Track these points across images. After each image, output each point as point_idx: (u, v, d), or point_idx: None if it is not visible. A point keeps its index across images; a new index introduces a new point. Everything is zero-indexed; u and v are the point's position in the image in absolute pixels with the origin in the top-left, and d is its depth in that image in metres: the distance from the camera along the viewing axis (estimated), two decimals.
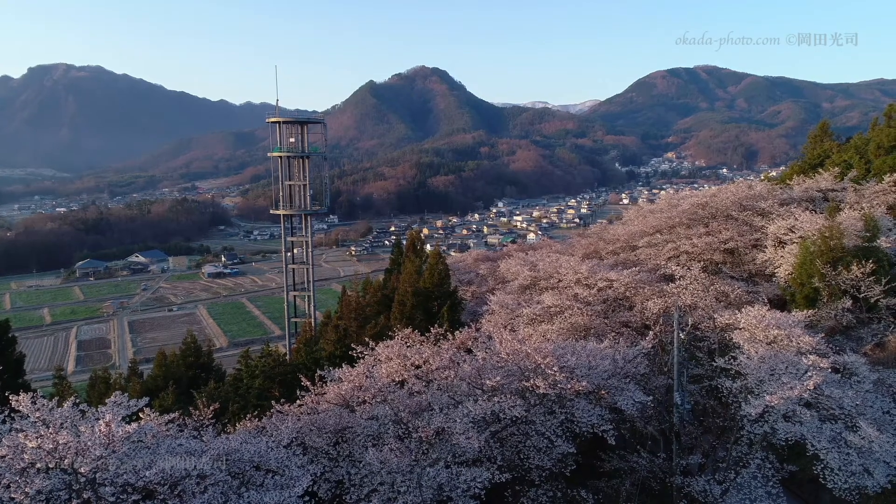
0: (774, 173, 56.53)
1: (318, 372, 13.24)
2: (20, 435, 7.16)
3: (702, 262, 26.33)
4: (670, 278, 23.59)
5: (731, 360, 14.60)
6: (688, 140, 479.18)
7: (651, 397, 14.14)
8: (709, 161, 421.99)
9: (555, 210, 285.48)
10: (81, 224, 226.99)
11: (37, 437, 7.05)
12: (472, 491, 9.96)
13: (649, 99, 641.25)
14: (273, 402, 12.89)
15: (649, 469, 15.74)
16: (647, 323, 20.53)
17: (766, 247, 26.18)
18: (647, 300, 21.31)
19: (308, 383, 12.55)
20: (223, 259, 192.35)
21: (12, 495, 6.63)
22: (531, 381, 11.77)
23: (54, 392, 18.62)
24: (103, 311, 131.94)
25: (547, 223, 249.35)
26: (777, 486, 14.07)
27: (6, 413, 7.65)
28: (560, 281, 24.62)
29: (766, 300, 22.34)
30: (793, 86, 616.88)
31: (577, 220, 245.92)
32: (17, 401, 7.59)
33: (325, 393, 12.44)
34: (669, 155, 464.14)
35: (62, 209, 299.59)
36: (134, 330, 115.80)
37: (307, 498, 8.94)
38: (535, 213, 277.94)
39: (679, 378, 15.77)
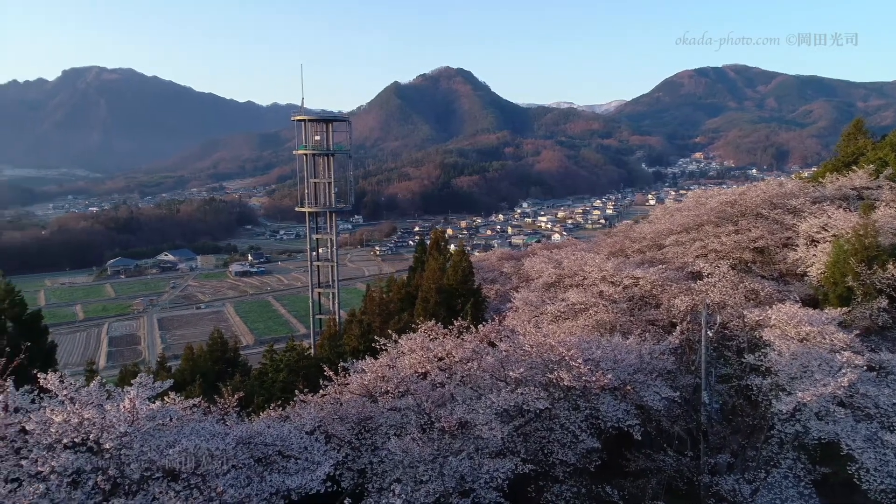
0: (806, 174, 55.27)
1: (342, 364, 13.25)
2: (47, 409, 7.28)
3: (730, 261, 25.83)
4: (698, 276, 23.18)
5: (762, 357, 14.25)
6: (716, 140, 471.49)
7: (678, 393, 13.87)
8: (738, 162, 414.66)
9: (580, 211, 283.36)
10: (113, 223, 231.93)
11: (63, 412, 7.16)
12: (494, 482, 9.87)
13: (676, 99, 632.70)
14: (297, 394, 12.95)
15: (676, 468, 15.46)
16: (674, 321, 20.18)
17: (797, 245, 25.56)
18: (674, 298, 20.93)
19: (331, 373, 12.56)
20: (250, 258, 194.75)
21: (39, 468, 6.74)
22: (555, 373, 11.62)
23: (85, 385, 18.95)
24: (133, 308, 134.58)
25: (572, 224, 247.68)
26: (809, 486, 13.70)
27: (35, 393, 7.78)
28: (585, 278, 24.34)
29: (797, 299, 21.81)
30: (825, 85, 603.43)
31: (602, 220, 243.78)
32: (45, 379, 7.73)
33: (348, 383, 12.45)
34: (697, 155, 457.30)
35: (94, 209, 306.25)
36: (163, 327, 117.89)
37: (330, 484, 8.93)
38: (560, 214, 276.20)
39: (707, 376, 15.46)
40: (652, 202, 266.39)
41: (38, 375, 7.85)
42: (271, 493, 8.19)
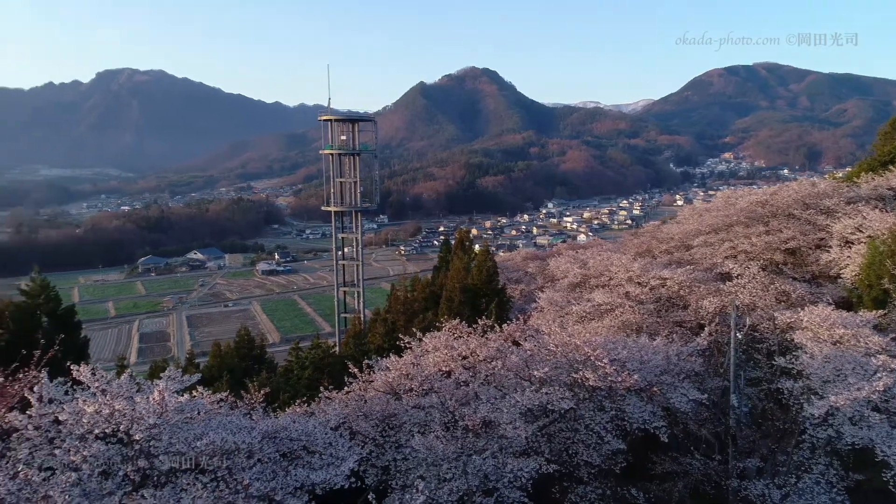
0: (840, 174, 53.92)
1: (366, 361, 13.33)
2: (79, 400, 7.46)
3: (761, 262, 25.33)
4: (727, 277, 22.80)
5: (793, 360, 13.94)
6: (746, 140, 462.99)
7: (706, 396, 13.64)
8: (769, 162, 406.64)
9: (606, 211, 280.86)
10: (144, 222, 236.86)
11: (95, 403, 7.34)
12: (518, 482, 9.82)
13: (705, 98, 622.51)
14: (322, 391, 13.05)
15: (703, 472, 15.20)
16: (702, 322, 19.86)
17: (830, 247, 24.97)
18: (703, 299, 20.61)
19: (356, 371, 12.64)
20: (276, 257, 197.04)
21: (72, 458, 6.90)
22: (580, 373, 11.52)
23: (116, 378, 19.37)
24: (163, 305, 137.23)
25: (598, 224, 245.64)
26: (842, 493, 13.36)
27: (69, 385, 7.97)
28: (611, 279, 24.10)
29: (830, 301, 21.29)
30: (860, 82, 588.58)
31: (629, 221, 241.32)
32: (78, 371, 7.92)
33: (372, 381, 12.51)
34: (726, 155, 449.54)
35: (126, 208, 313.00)
36: (191, 324, 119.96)
37: (354, 480, 8.99)
38: (586, 215, 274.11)
39: (735, 379, 15.18)
40: (680, 203, 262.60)
41: (72, 368, 8.06)
42: (296, 487, 8.28)
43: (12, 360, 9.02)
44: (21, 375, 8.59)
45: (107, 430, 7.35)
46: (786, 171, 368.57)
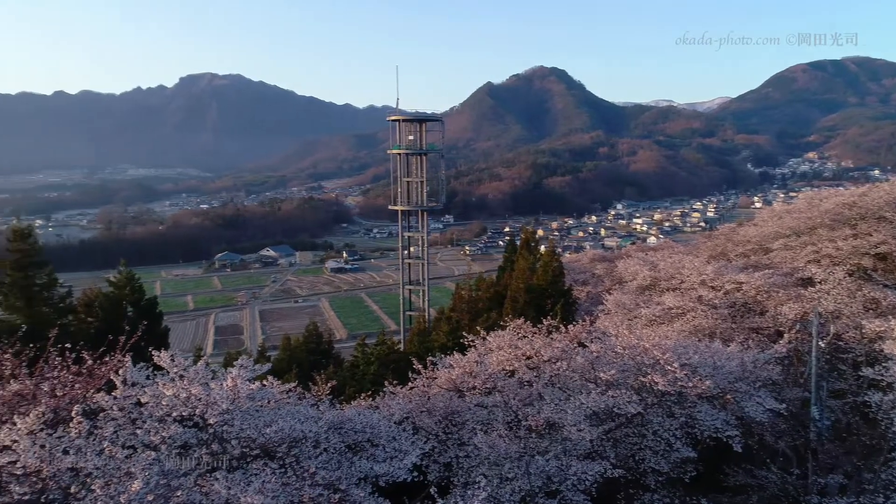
0: None
1: (430, 358, 13.41)
2: (160, 384, 7.87)
3: (847, 267, 23.83)
4: (809, 282, 21.57)
5: (882, 372, 13.05)
6: (832, 139, 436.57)
7: (784, 406, 12.94)
8: (857, 162, 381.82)
9: (678, 213, 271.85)
10: (220, 220, 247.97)
11: (173, 387, 7.73)
12: (582, 485, 9.63)
13: (787, 95, 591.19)
14: (386, 386, 13.23)
15: (780, 486, 14.44)
16: (781, 329, 18.88)
17: None
18: (782, 305, 19.58)
19: (420, 367, 12.75)
20: (344, 255, 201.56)
21: (152, 438, 7.28)
22: (649, 377, 11.18)
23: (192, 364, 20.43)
24: (237, 300, 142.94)
25: (669, 226, 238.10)
26: None
27: (150, 370, 8.43)
28: (682, 282, 23.28)
29: None
30: None
31: (702, 223, 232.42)
32: (158, 357, 8.36)
33: (436, 378, 12.58)
34: (810, 155, 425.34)
35: (205, 206, 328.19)
36: (263, 318, 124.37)
37: (416, 474, 9.07)
38: (656, 216, 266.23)
39: (817, 390, 14.35)
40: (758, 205, 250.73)
41: (153, 353, 8.52)
42: (360, 477, 8.42)
43: (101, 345, 9.64)
44: (108, 359, 9.19)
45: (184, 414, 7.75)
46: (876, 171, 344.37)
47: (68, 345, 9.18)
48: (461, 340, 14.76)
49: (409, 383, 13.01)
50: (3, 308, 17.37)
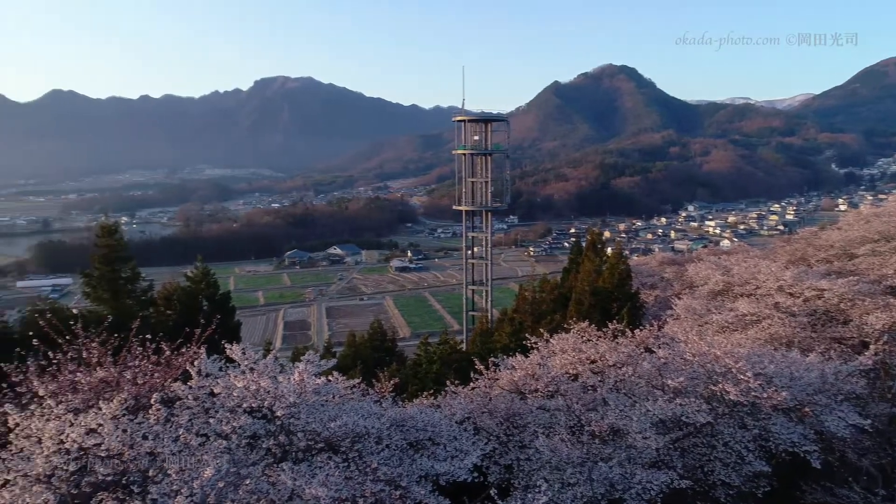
0: None
1: (492, 359, 13.37)
2: (231, 376, 8.20)
3: None
4: None
5: None
6: None
7: (869, 422, 12.16)
8: None
9: (754, 215, 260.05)
10: (291, 218, 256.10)
11: (243, 380, 8.04)
12: (647, 494, 9.35)
13: (877, 90, 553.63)
14: (448, 385, 13.28)
15: None
16: (866, 340, 17.74)
17: None
18: (868, 314, 18.39)
19: (482, 368, 12.73)
20: (409, 254, 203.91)
21: (223, 428, 7.60)
22: (720, 385, 10.74)
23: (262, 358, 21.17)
24: (305, 296, 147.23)
25: (744, 229, 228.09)
26: None
27: (223, 362, 8.80)
28: (758, 288, 22.23)
29: None
30: None
31: (780, 226, 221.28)
32: (231, 350, 8.71)
33: (497, 379, 12.53)
34: None
35: (276, 205, 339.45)
36: (330, 315, 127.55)
37: (477, 475, 9.06)
38: (731, 219, 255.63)
39: None
40: (842, 207, 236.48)
41: (226, 346, 8.89)
42: (421, 475, 8.49)
43: (178, 336, 10.15)
44: (184, 351, 9.67)
45: (253, 405, 8.05)
46: None
47: (149, 336, 9.71)
48: (524, 342, 14.65)
49: (471, 383, 13.00)
50: (92, 299, 18.53)
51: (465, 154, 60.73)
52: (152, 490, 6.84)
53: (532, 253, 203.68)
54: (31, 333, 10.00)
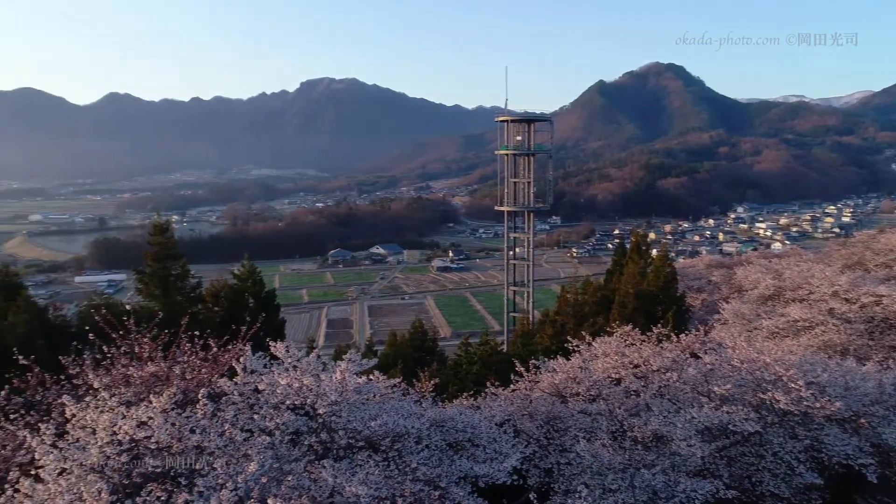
0: None
1: (533, 361, 13.27)
2: (275, 373, 8.38)
3: None
4: None
5: None
6: None
7: None
8: None
9: (807, 217, 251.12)
10: (334, 218, 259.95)
11: (287, 377, 8.20)
12: (691, 503, 9.13)
13: None
14: (488, 386, 13.25)
15: None
16: None
17: None
18: None
19: (523, 370, 12.65)
20: (450, 254, 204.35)
21: (267, 423, 7.76)
22: (769, 393, 10.40)
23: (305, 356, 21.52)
24: (348, 295, 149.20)
25: (797, 232, 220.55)
26: None
27: (267, 359, 9.00)
28: (811, 293, 21.45)
29: None
30: None
31: (836, 229, 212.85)
32: (275, 347, 8.89)
33: (538, 381, 12.43)
34: None
35: (320, 204, 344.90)
36: (371, 314, 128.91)
37: (516, 478, 9.01)
38: (783, 221, 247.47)
39: None
40: None
41: (270, 343, 9.08)
42: (460, 476, 8.50)
43: (225, 333, 10.41)
44: (231, 347, 9.92)
45: (296, 403, 8.22)
46: None
47: (197, 332, 9.99)
48: (565, 345, 14.48)
49: (511, 385, 12.94)
50: (144, 295, 19.19)
51: (507, 154, 60.48)
52: (199, 483, 7.03)
53: (575, 254, 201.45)
54: (87, 328, 10.42)
